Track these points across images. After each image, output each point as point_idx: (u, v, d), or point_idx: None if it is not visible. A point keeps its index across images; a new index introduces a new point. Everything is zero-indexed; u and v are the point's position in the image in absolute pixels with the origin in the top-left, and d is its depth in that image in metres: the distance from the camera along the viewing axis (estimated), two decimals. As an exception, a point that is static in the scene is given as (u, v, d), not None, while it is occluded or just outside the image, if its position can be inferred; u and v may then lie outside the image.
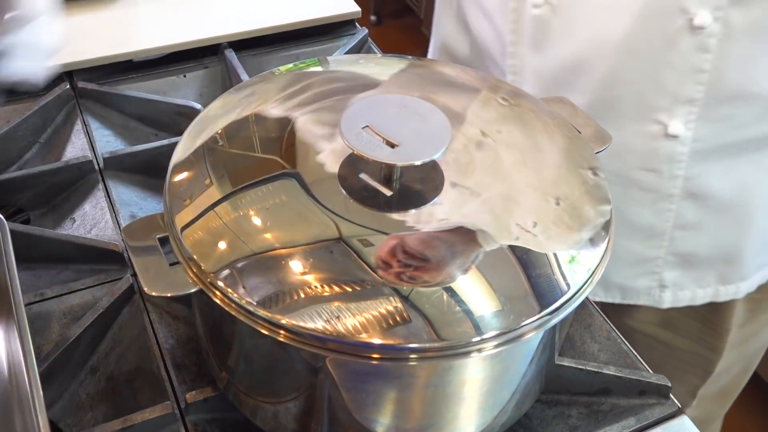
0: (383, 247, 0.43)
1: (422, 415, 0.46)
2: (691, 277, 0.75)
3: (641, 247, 0.73)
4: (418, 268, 0.42)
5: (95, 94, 0.76)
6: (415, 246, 0.43)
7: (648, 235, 0.72)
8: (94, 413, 0.55)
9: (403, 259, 0.42)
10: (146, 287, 0.44)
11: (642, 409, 0.55)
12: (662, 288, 0.76)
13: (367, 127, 0.46)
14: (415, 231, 0.44)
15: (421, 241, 0.44)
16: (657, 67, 0.63)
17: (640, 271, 0.75)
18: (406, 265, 0.42)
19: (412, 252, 0.43)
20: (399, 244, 0.43)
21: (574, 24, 0.65)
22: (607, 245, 0.46)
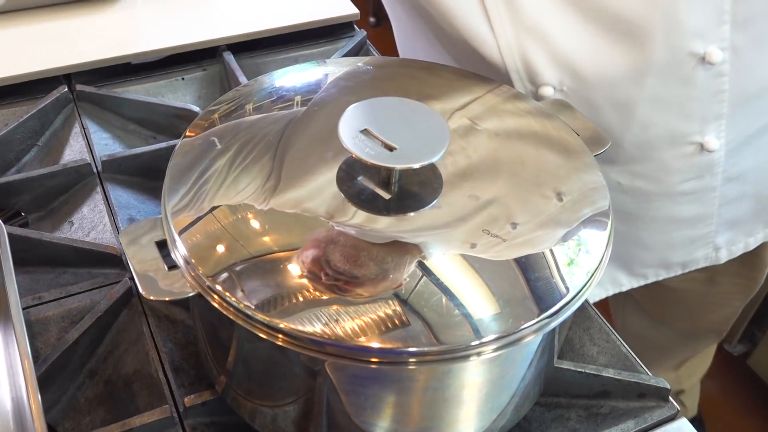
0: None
1: (421, 419, 0.46)
2: (740, 231, 0.81)
3: (694, 231, 0.78)
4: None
5: (93, 96, 0.75)
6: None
7: (698, 220, 0.77)
8: (93, 417, 0.55)
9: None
10: (144, 291, 0.44)
11: (641, 411, 0.55)
12: (717, 249, 0.81)
13: (366, 130, 0.46)
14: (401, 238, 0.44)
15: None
16: (681, 104, 0.66)
17: (696, 246, 0.80)
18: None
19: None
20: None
21: (596, 96, 0.66)
22: (606, 247, 0.46)
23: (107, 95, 0.76)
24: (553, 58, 0.64)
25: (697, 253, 0.81)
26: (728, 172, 0.73)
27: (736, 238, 0.82)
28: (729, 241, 0.81)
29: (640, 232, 0.78)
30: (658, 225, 0.77)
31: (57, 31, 0.81)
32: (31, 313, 0.58)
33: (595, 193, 0.48)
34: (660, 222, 0.77)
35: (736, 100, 0.67)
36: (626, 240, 0.79)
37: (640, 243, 0.79)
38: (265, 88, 0.55)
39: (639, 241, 0.79)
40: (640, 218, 0.77)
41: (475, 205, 0.46)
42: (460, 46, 0.68)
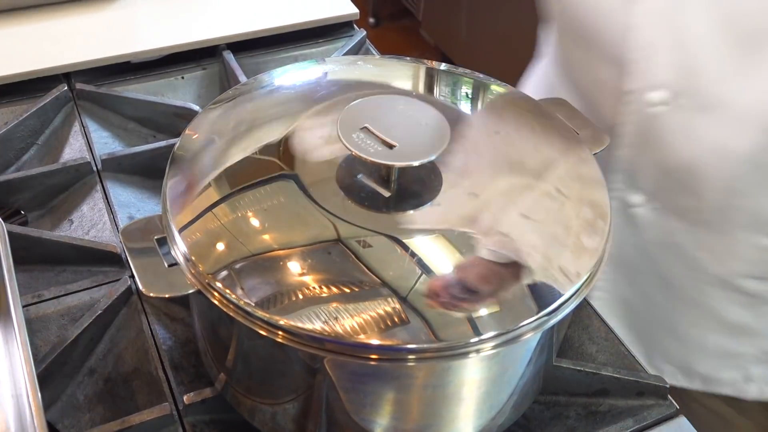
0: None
1: (420, 416, 0.46)
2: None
3: (732, 344, 0.70)
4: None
5: (93, 95, 0.76)
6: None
7: (742, 332, 0.69)
8: (92, 415, 0.55)
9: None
10: (144, 288, 0.44)
11: (640, 410, 0.55)
12: (748, 381, 0.72)
13: (365, 128, 0.46)
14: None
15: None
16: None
17: (726, 364, 0.72)
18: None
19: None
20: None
21: (696, 128, 0.60)
22: (605, 246, 0.46)
23: (107, 94, 0.76)
24: (683, 67, 0.58)
25: (723, 373, 0.71)
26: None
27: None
28: (764, 378, 0.71)
29: (677, 313, 0.69)
30: (699, 314, 0.68)
31: (57, 29, 0.81)
32: (31, 311, 0.58)
33: (594, 192, 0.49)
34: (702, 312, 0.67)
35: None
36: (658, 317, 0.70)
37: (671, 328, 0.70)
38: (265, 86, 0.55)
39: (671, 324, 0.70)
40: (684, 296, 0.68)
41: (475, 202, 0.46)
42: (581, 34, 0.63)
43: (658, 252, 0.67)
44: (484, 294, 0.42)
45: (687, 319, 0.70)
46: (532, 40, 1.00)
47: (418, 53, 2.35)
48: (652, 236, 0.66)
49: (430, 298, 0.41)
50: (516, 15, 1.80)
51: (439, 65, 0.59)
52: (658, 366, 0.75)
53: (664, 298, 0.70)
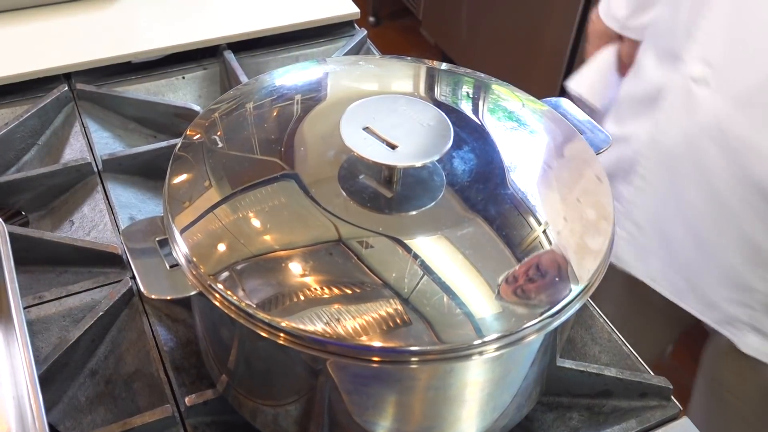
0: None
1: (423, 418, 0.46)
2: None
3: (747, 269, 0.69)
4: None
5: (94, 95, 0.75)
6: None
7: (758, 259, 0.68)
8: (93, 416, 0.55)
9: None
10: (145, 290, 0.44)
11: (643, 411, 0.55)
12: (752, 329, 0.71)
13: (368, 129, 0.46)
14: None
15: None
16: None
17: (736, 297, 0.71)
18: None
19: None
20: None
21: None
22: (609, 247, 0.46)
23: (107, 94, 0.75)
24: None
25: (729, 307, 0.71)
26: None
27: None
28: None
29: (706, 221, 0.69)
30: (728, 226, 0.67)
31: (57, 30, 0.81)
32: (32, 313, 0.57)
33: (598, 193, 0.48)
34: (731, 223, 0.67)
35: None
36: (686, 222, 0.70)
37: (697, 236, 0.70)
38: (266, 87, 0.55)
39: (697, 232, 0.70)
40: (719, 200, 0.67)
41: (478, 203, 0.46)
42: None
43: (704, 139, 0.67)
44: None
45: (716, 230, 0.69)
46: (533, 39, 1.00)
47: (419, 52, 2.35)
48: (704, 121, 0.67)
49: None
50: (516, 14, 1.80)
51: (440, 65, 0.58)
52: (671, 279, 0.74)
53: (698, 197, 0.69)
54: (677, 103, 0.69)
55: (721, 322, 0.74)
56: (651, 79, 0.74)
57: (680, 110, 0.69)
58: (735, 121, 0.65)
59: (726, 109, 0.65)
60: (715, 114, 0.66)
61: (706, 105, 0.67)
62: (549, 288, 0.43)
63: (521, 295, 0.42)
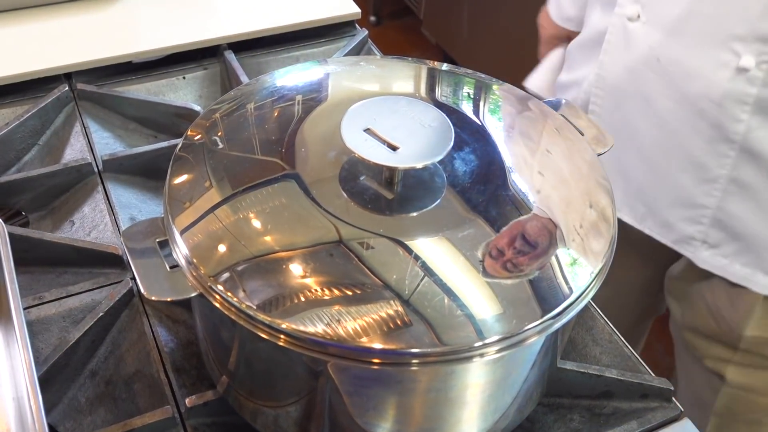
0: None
1: (424, 420, 0.46)
2: (734, 246, 0.76)
3: (693, 187, 0.74)
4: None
5: (94, 95, 0.75)
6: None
7: (702, 176, 0.73)
8: (94, 417, 0.55)
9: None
10: (146, 291, 0.44)
11: (644, 412, 0.54)
12: (704, 244, 0.77)
13: (369, 130, 0.46)
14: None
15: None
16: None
17: (687, 215, 0.76)
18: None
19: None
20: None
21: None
22: (610, 248, 0.46)
23: (108, 94, 0.75)
24: None
25: (683, 226, 0.76)
26: (750, 136, 0.69)
27: (726, 249, 0.76)
28: (719, 245, 0.76)
29: (653, 144, 0.75)
30: (672, 145, 0.73)
31: (58, 30, 0.81)
32: (32, 313, 0.57)
33: (599, 194, 0.48)
34: (674, 142, 0.73)
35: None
36: (635, 148, 0.76)
37: (647, 159, 0.76)
38: (267, 87, 0.55)
39: (646, 156, 0.76)
40: (661, 123, 0.73)
41: (479, 205, 0.46)
42: None
43: (643, 70, 0.74)
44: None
45: (664, 154, 0.75)
46: (534, 38, 1.00)
47: (420, 52, 2.35)
48: (640, 53, 0.74)
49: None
50: (517, 13, 1.79)
51: (441, 66, 0.58)
52: (631, 205, 0.80)
53: (646, 125, 0.75)
54: (616, 41, 0.76)
55: (678, 242, 0.79)
56: (594, 25, 0.81)
57: (619, 47, 0.76)
58: (668, 48, 0.71)
59: (658, 39, 0.71)
60: (650, 45, 0.72)
61: (641, 38, 0.73)
62: (550, 289, 0.43)
63: (522, 296, 0.42)
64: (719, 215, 0.74)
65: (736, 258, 0.76)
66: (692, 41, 0.69)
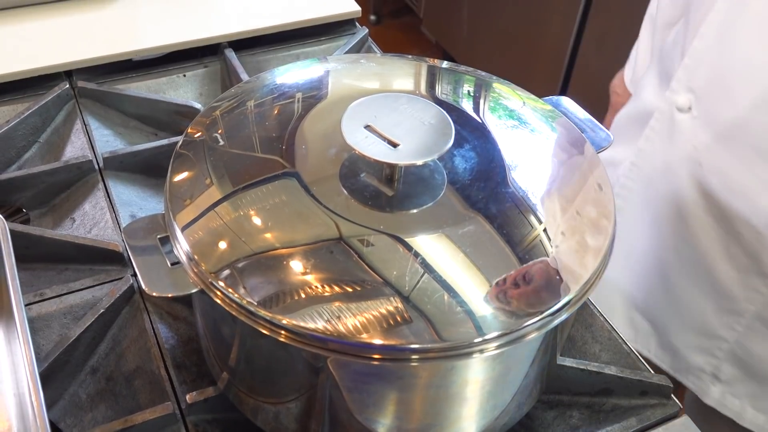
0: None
1: (423, 416, 0.46)
2: (748, 387, 0.68)
3: (714, 316, 0.66)
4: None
5: (95, 93, 0.75)
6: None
7: (727, 307, 0.66)
8: (94, 414, 0.55)
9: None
10: (147, 287, 0.44)
11: (644, 409, 0.55)
12: (714, 379, 0.69)
13: (369, 127, 0.46)
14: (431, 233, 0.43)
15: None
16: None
17: (700, 344, 0.68)
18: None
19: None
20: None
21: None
22: (609, 245, 0.46)
23: (108, 92, 0.75)
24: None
25: (694, 356, 0.67)
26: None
27: (739, 389, 0.67)
28: (731, 383, 0.67)
29: (675, 257, 0.65)
30: (696, 263, 0.64)
31: (58, 27, 0.81)
32: (33, 310, 0.58)
33: (598, 191, 0.48)
34: (699, 260, 0.64)
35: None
36: (655, 258, 0.66)
37: (663, 274, 0.66)
38: (267, 85, 0.55)
39: (664, 270, 0.66)
40: (689, 233, 0.64)
41: (479, 202, 0.46)
42: None
43: (682, 172, 0.65)
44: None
45: (686, 271, 0.66)
46: (534, 37, 1.00)
47: (419, 50, 2.35)
48: (683, 151, 0.65)
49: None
50: (517, 12, 1.79)
51: (441, 63, 0.58)
52: (632, 318, 0.71)
53: (672, 233, 0.66)
54: (661, 129, 0.67)
55: (681, 371, 0.71)
56: (645, 102, 0.72)
57: (663, 137, 0.67)
58: (714, 154, 0.63)
59: (706, 141, 0.63)
60: (695, 145, 0.64)
61: (686, 134, 0.64)
62: (549, 286, 0.43)
63: (522, 288, 0.42)
64: (737, 350, 0.67)
65: (750, 401, 0.68)
66: (741, 152, 0.60)
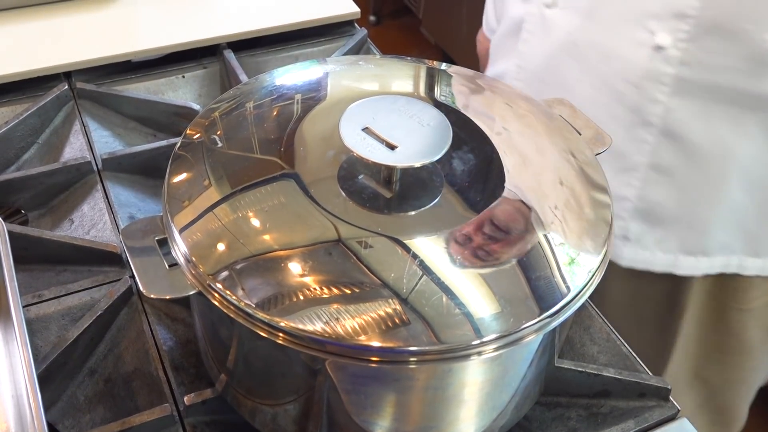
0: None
1: (421, 418, 0.46)
2: (654, 235, 0.74)
3: (613, 179, 0.70)
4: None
5: (94, 94, 0.75)
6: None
7: (622, 166, 0.71)
8: (92, 415, 0.55)
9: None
10: (145, 289, 0.44)
11: (641, 411, 0.55)
12: (625, 240, 0.74)
13: (367, 129, 0.46)
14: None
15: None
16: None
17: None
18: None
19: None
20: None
21: None
22: (607, 247, 0.46)
23: (107, 93, 0.75)
24: None
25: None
26: (669, 117, 0.67)
27: (647, 240, 0.73)
28: (639, 239, 0.73)
29: None
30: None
31: (57, 28, 0.81)
32: (31, 311, 0.57)
33: (596, 193, 0.48)
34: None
35: (706, 15, 0.63)
36: None
37: None
38: (266, 86, 0.55)
39: None
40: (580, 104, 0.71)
41: (476, 203, 0.46)
42: None
43: (562, 57, 0.73)
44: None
45: None
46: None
47: (419, 51, 2.35)
48: (559, 39, 0.72)
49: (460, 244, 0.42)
50: (517, 13, 1.79)
51: (440, 65, 0.58)
52: None
53: None
54: (535, 29, 0.75)
55: None
56: (512, 16, 0.79)
57: (538, 34, 0.75)
58: (585, 31, 0.70)
59: (576, 23, 0.70)
60: (568, 30, 0.71)
61: (558, 24, 0.72)
62: (547, 287, 0.43)
63: (518, 295, 0.42)
64: (640, 205, 0.73)
65: (658, 246, 0.74)
66: (608, 22, 0.68)
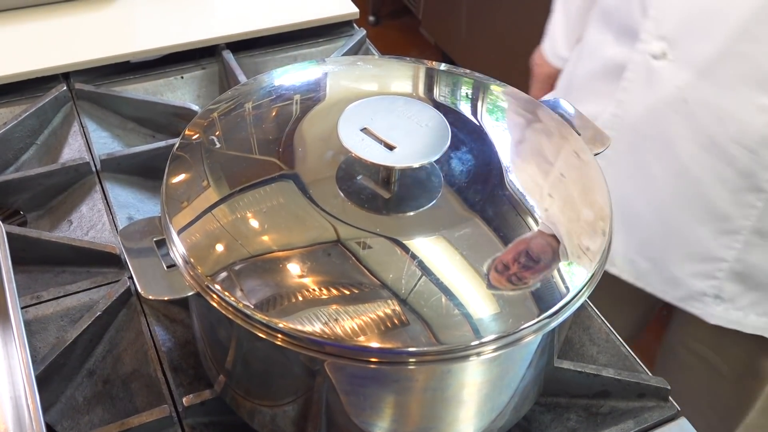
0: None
1: (420, 419, 0.46)
2: (750, 298, 0.71)
3: (711, 240, 0.70)
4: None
5: (92, 95, 0.75)
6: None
7: (723, 228, 0.69)
8: (91, 417, 0.55)
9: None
10: (143, 290, 0.44)
11: (641, 411, 0.55)
12: (717, 300, 0.72)
13: (365, 129, 0.46)
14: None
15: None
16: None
17: (700, 270, 0.72)
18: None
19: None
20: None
21: None
22: (606, 247, 0.46)
23: (106, 94, 0.75)
24: None
25: (695, 282, 0.71)
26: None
27: (741, 301, 0.71)
28: (733, 299, 0.71)
29: (669, 192, 0.69)
30: (690, 194, 0.68)
31: (56, 29, 0.81)
32: (30, 312, 0.57)
33: (595, 193, 0.48)
34: (693, 191, 0.67)
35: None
36: (648, 197, 0.70)
37: (659, 209, 0.70)
38: (265, 87, 0.55)
39: (659, 204, 0.70)
40: (680, 169, 0.68)
41: (476, 204, 0.46)
42: None
43: (667, 112, 0.69)
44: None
45: (680, 203, 0.70)
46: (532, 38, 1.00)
47: (418, 52, 2.35)
48: (666, 94, 0.68)
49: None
50: (516, 13, 1.79)
51: (439, 65, 0.58)
52: (632, 261, 0.75)
53: (663, 171, 0.70)
54: (638, 79, 0.71)
55: (685, 298, 0.74)
56: (611, 57, 0.75)
57: (642, 86, 0.71)
58: (698, 89, 0.67)
59: (688, 79, 0.67)
60: (677, 85, 0.68)
61: (667, 78, 0.68)
62: (547, 288, 0.43)
63: (519, 295, 0.42)
64: (737, 267, 0.70)
65: (752, 309, 0.72)
66: (726, 82, 0.65)
